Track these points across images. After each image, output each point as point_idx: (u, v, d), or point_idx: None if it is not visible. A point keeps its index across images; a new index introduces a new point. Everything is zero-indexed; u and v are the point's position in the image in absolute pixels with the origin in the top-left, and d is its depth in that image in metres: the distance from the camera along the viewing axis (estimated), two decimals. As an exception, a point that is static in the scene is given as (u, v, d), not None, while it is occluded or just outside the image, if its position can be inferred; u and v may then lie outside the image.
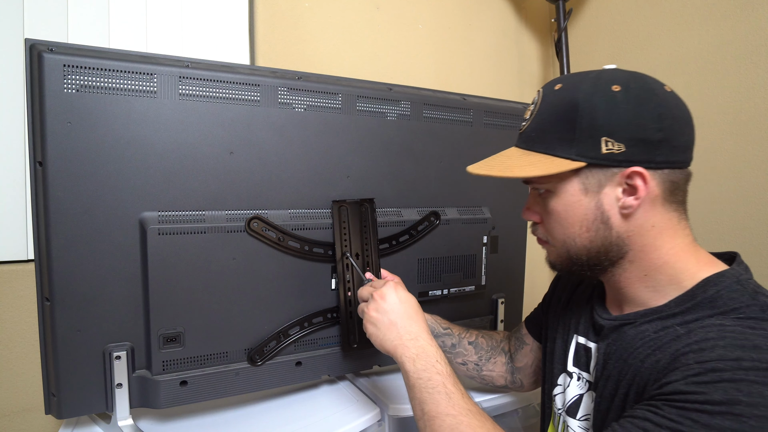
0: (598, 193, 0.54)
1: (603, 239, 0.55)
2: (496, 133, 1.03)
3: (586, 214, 0.55)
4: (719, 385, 0.41)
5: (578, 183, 0.54)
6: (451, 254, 0.97)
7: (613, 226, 0.54)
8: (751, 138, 1.14)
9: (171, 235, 0.69)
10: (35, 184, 0.64)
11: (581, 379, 0.66)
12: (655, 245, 0.55)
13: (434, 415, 0.55)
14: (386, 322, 0.67)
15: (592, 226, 0.55)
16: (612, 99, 0.52)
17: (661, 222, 0.54)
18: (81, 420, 0.78)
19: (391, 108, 0.89)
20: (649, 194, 0.52)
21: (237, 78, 0.74)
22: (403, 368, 0.63)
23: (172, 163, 0.70)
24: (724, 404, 0.40)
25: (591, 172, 0.53)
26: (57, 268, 0.64)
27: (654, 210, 0.54)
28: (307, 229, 0.81)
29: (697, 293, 0.52)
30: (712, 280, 0.53)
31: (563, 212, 0.56)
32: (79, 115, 0.64)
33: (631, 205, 0.53)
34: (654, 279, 0.56)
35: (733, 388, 0.41)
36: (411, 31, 1.46)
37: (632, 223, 0.54)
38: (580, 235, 0.56)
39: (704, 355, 0.45)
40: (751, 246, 1.15)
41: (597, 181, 0.54)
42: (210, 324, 0.74)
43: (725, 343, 0.45)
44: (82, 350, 0.67)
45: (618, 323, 0.58)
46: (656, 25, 1.35)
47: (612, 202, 0.54)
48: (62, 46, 0.64)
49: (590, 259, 0.57)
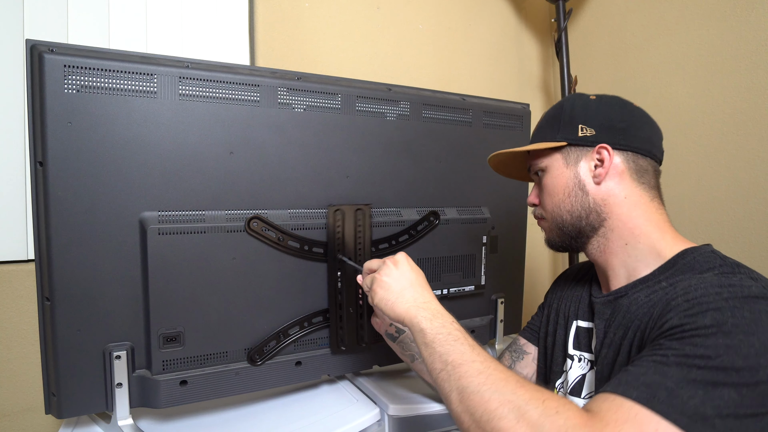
0: (576, 166, 0.68)
1: (582, 204, 0.67)
2: (496, 133, 1.03)
3: (567, 183, 0.69)
4: (707, 313, 0.49)
5: (561, 158, 0.69)
6: (450, 254, 0.97)
7: (589, 192, 0.67)
8: (751, 138, 1.14)
9: (171, 235, 0.69)
10: (35, 184, 0.64)
11: (582, 359, 0.71)
12: (630, 215, 0.65)
13: (460, 362, 0.54)
14: (398, 287, 0.67)
15: (572, 192, 0.68)
16: (587, 102, 0.69)
17: (633, 195, 0.66)
18: (81, 420, 0.78)
19: (390, 108, 0.89)
20: (615, 167, 0.66)
21: (237, 78, 0.74)
22: (418, 328, 0.62)
23: (172, 163, 0.70)
24: (714, 326, 0.47)
25: (571, 150, 0.69)
26: (57, 268, 0.64)
27: (623, 183, 0.66)
28: (306, 228, 0.81)
29: (677, 261, 0.62)
30: (689, 251, 0.62)
31: (551, 184, 0.70)
32: (80, 116, 0.64)
33: (600, 173, 0.66)
34: (635, 248, 0.65)
35: (718, 314, 0.48)
36: (411, 31, 1.46)
37: (604, 190, 0.66)
38: (564, 201, 0.69)
39: (690, 295, 0.53)
40: (751, 246, 1.15)
41: (575, 156, 0.68)
42: (210, 324, 0.74)
43: (705, 285, 0.53)
44: (82, 350, 0.67)
45: (612, 297, 0.67)
46: (656, 25, 1.35)
47: (586, 173, 0.67)
48: (63, 47, 0.64)
49: (574, 224, 0.69)
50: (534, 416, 0.45)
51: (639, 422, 0.42)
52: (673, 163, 1.31)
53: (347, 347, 0.86)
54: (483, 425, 0.48)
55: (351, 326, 0.86)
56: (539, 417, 0.45)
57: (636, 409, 0.43)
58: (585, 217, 0.67)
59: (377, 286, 0.69)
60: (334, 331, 0.85)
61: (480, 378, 0.51)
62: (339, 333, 0.85)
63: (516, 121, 1.06)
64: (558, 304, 0.80)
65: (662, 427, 0.41)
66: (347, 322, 0.85)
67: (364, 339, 0.88)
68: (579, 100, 0.69)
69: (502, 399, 0.48)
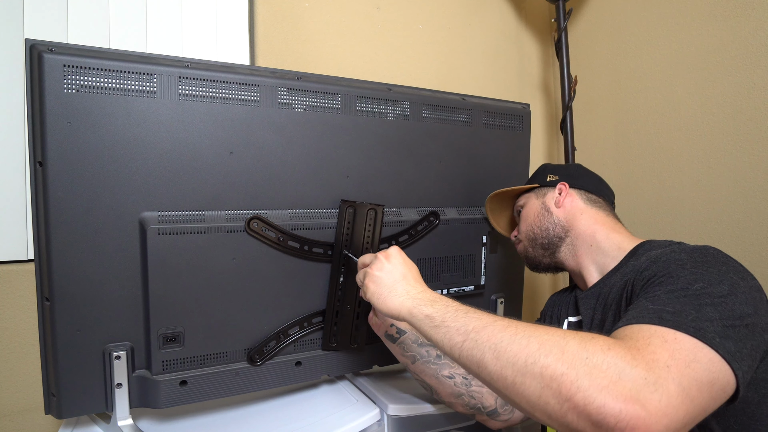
0: (543, 197, 0.90)
1: (547, 220, 0.87)
2: (496, 133, 1.03)
3: (536, 209, 0.89)
4: (671, 262, 0.62)
5: (534, 195, 0.92)
6: (450, 254, 0.97)
7: (552, 212, 0.87)
8: (751, 138, 1.14)
9: (171, 235, 0.69)
10: (35, 184, 0.64)
11: None
12: (588, 224, 0.83)
13: (483, 326, 0.54)
14: (390, 280, 0.67)
15: (540, 214, 0.88)
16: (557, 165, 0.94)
17: (588, 212, 0.85)
18: (81, 420, 0.78)
19: (390, 108, 0.89)
20: (571, 195, 0.87)
21: (237, 78, 0.74)
22: (421, 315, 0.62)
23: (172, 163, 0.70)
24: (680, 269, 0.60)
25: (541, 190, 0.92)
26: (57, 268, 0.64)
27: (578, 205, 0.86)
28: (306, 229, 0.81)
29: (639, 248, 0.76)
30: (648, 241, 0.77)
31: (526, 213, 0.91)
32: (79, 115, 0.64)
33: (558, 199, 0.87)
34: (599, 247, 0.81)
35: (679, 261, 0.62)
36: (411, 31, 1.46)
37: (563, 210, 0.86)
38: (534, 221, 0.89)
39: (654, 256, 0.67)
40: (750, 246, 1.15)
41: (543, 192, 0.91)
42: (210, 324, 0.74)
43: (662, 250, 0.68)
44: (82, 350, 0.67)
45: (593, 290, 0.79)
46: (656, 25, 1.35)
47: (550, 201, 0.88)
48: (62, 47, 0.64)
49: (542, 236, 0.87)
50: (575, 345, 0.48)
51: (661, 335, 0.50)
52: (673, 163, 1.31)
53: (338, 344, 0.86)
54: (529, 369, 0.48)
55: (346, 324, 0.86)
56: (579, 344, 0.48)
57: (654, 328, 0.51)
58: (552, 229, 0.86)
59: (369, 280, 0.69)
60: (328, 327, 0.84)
61: (510, 330, 0.52)
62: (333, 329, 0.85)
63: (516, 121, 1.06)
64: (551, 312, 0.92)
65: (679, 335, 0.49)
66: (342, 319, 0.85)
67: (356, 339, 0.87)
68: (549, 165, 0.96)
69: (540, 339, 0.49)
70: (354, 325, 0.87)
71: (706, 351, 0.49)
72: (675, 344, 0.49)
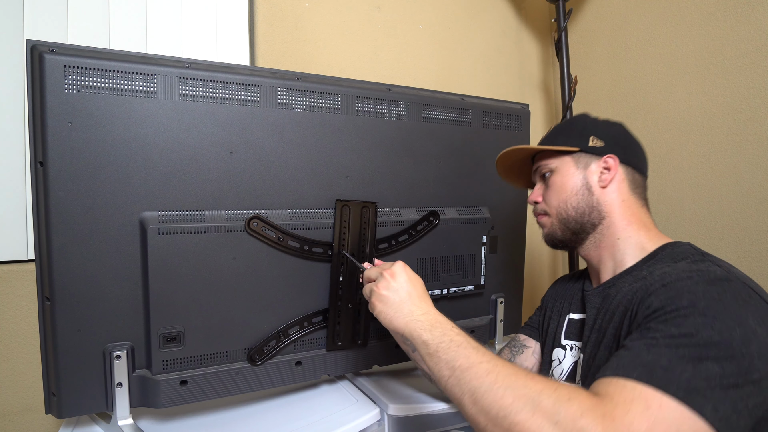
0: (585, 169, 0.76)
1: (587, 202, 0.75)
2: (495, 134, 1.03)
3: (575, 183, 0.76)
4: (683, 295, 0.55)
5: (572, 161, 0.77)
6: (450, 254, 0.97)
7: (594, 193, 0.75)
8: (751, 138, 1.14)
9: (171, 235, 0.70)
10: (36, 184, 0.64)
11: (573, 348, 0.76)
12: (625, 216, 0.74)
13: (468, 365, 0.55)
14: (396, 300, 0.67)
15: (579, 191, 0.75)
16: (596, 119, 0.80)
17: (629, 200, 0.74)
18: (81, 420, 0.78)
19: (389, 108, 0.89)
20: (618, 175, 0.74)
21: (236, 78, 0.74)
22: (419, 340, 0.62)
23: (172, 163, 0.70)
24: (690, 307, 0.53)
25: (581, 155, 0.76)
26: (57, 268, 0.64)
27: (622, 190, 0.74)
28: (306, 228, 0.81)
29: (658, 253, 0.70)
30: (669, 244, 0.70)
31: (560, 183, 0.77)
32: (80, 116, 0.64)
33: (606, 178, 0.74)
34: (625, 242, 0.73)
35: (692, 295, 0.54)
36: (411, 31, 1.46)
37: (607, 193, 0.74)
38: (570, 198, 0.75)
39: (666, 280, 0.59)
40: (750, 246, 1.15)
41: (585, 161, 0.76)
42: (210, 323, 0.74)
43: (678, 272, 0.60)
44: (82, 350, 0.67)
45: (602, 288, 0.73)
46: (656, 25, 1.35)
47: (594, 176, 0.75)
48: (63, 47, 0.64)
49: (577, 220, 0.75)
50: (548, 405, 0.47)
51: (644, 399, 0.46)
52: (673, 163, 1.31)
53: (343, 343, 0.86)
54: (500, 422, 0.49)
55: (348, 323, 0.86)
56: (553, 405, 0.46)
57: (639, 388, 0.47)
58: (588, 213, 0.74)
59: (376, 299, 0.70)
60: (331, 327, 0.85)
61: (490, 377, 0.52)
62: (336, 329, 0.85)
63: (515, 121, 1.06)
64: (553, 303, 0.87)
65: (665, 401, 0.46)
66: (344, 318, 0.85)
67: (360, 336, 0.88)
68: (588, 117, 0.80)
69: (516, 393, 0.49)
70: (357, 323, 0.87)
71: (692, 421, 0.45)
72: (658, 413, 0.45)
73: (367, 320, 0.88)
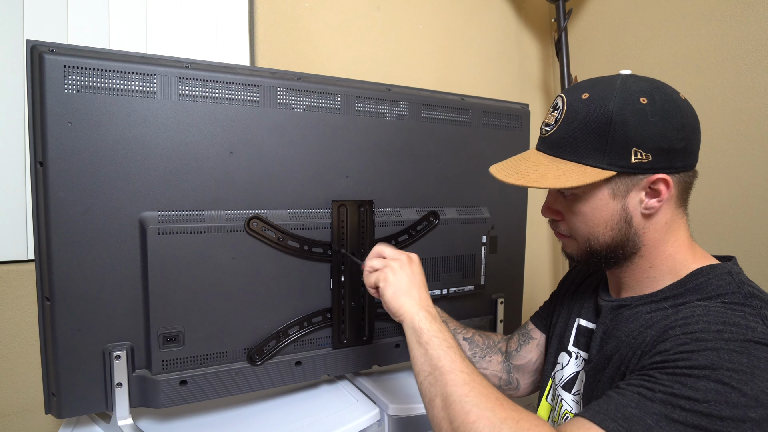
0: (625, 197, 0.58)
1: (624, 236, 0.60)
2: (495, 134, 1.03)
3: (612, 216, 0.59)
4: (703, 353, 0.46)
5: (608, 189, 0.58)
6: (450, 254, 0.97)
7: (634, 225, 0.59)
8: (751, 138, 1.14)
9: (171, 235, 0.70)
10: (36, 184, 0.64)
11: (579, 357, 0.71)
12: (664, 240, 0.60)
13: (449, 369, 0.55)
14: (410, 282, 0.66)
15: (616, 225, 0.59)
16: (641, 112, 0.55)
17: (672, 219, 0.60)
18: (81, 420, 0.78)
19: (389, 108, 0.89)
20: (667, 200, 0.58)
21: (236, 79, 0.74)
22: (416, 326, 0.61)
23: (172, 163, 0.70)
24: (707, 368, 0.45)
25: (620, 179, 0.57)
26: (57, 268, 0.64)
27: (669, 209, 0.59)
28: (306, 228, 0.81)
29: (690, 280, 0.58)
30: (704, 270, 0.58)
31: (590, 213, 0.60)
32: (80, 116, 0.64)
33: (653, 206, 0.58)
34: (657, 270, 0.61)
35: (715, 355, 0.46)
36: (411, 31, 1.46)
37: (649, 222, 0.59)
38: (604, 233, 0.60)
39: (690, 327, 0.50)
40: (750, 246, 1.15)
41: (625, 187, 0.58)
42: (209, 323, 0.74)
43: (708, 319, 0.50)
44: (82, 350, 0.67)
45: (616, 305, 0.64)
46: (656, 25, 1.35)
47: (636, 205, 0.58)
48: (63, 47, 0.64)
49: (609, 253, 0.61)
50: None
51: None
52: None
53: (348, 341, 0.86)
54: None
55: (353, 321, 0.86)
56: None
57: None
58: (622, 247, 0.60)
59: (391, 272, 0.67)
60: (336, 326, 0.85)
61: (465, 389, 0.53)
62: (341, 327, 0.85)
63: (515, 121, 1.06)
64: (563, 299, 0.80)
65: None
66: (349, 316, 0.86)
67: (365, 333, 0.88)
68: (631, 111, 0.55)
69: (480, 414, 0.50)
70: (362, 320, 0.87)
71: None
72: None
73: (371, 317, 0.88)
